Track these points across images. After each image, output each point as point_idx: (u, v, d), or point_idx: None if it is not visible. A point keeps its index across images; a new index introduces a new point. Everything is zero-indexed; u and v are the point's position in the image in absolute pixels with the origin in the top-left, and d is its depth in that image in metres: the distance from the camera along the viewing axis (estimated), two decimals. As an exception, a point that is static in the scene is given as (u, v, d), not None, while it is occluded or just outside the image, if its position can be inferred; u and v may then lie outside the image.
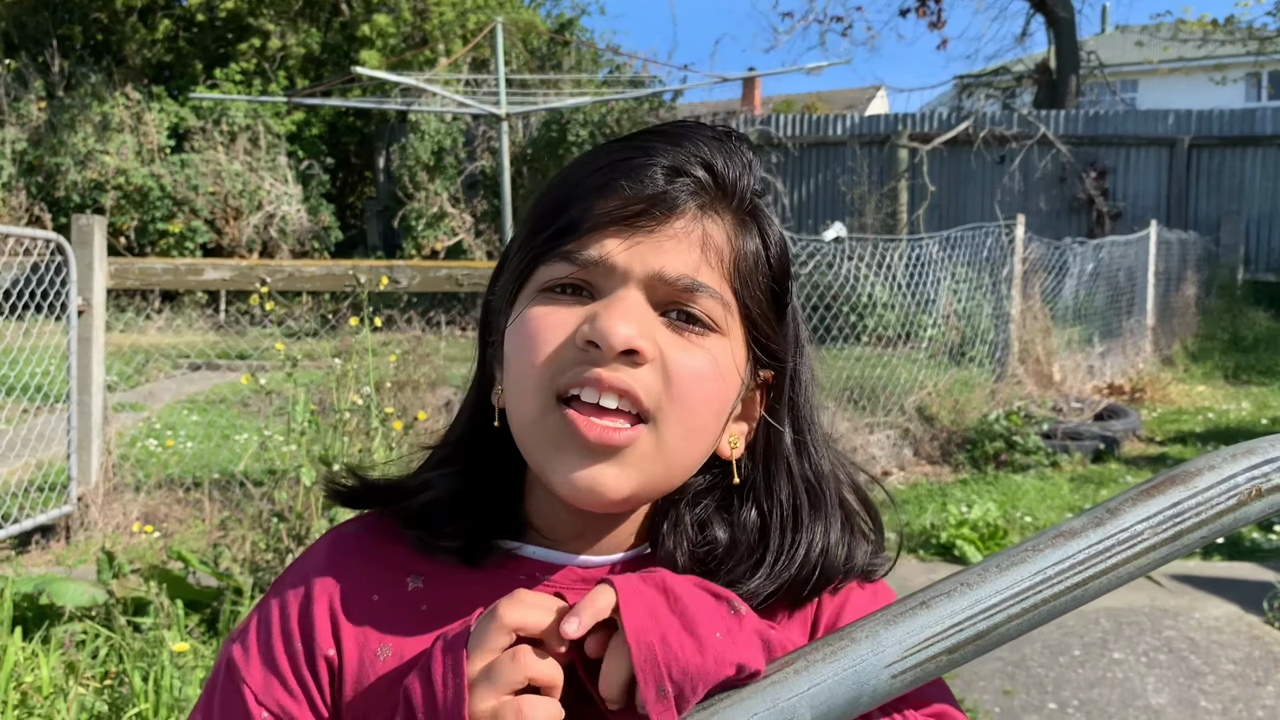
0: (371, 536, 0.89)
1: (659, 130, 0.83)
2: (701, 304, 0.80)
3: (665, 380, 0.78)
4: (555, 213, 0.81)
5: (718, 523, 0.86)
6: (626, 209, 0.78)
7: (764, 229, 0.84)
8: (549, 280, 0.80)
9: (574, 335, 0.78)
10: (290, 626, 0.84)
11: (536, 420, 0.79)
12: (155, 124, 15.65)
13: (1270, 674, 3.82)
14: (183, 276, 5.67)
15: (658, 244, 0.78)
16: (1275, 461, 0.91)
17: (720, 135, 0.83)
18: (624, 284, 0.78)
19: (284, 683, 0.83)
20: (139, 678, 2.99)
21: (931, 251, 8.62)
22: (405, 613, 0.84)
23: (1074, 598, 0.89)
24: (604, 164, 0.80)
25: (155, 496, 5.52)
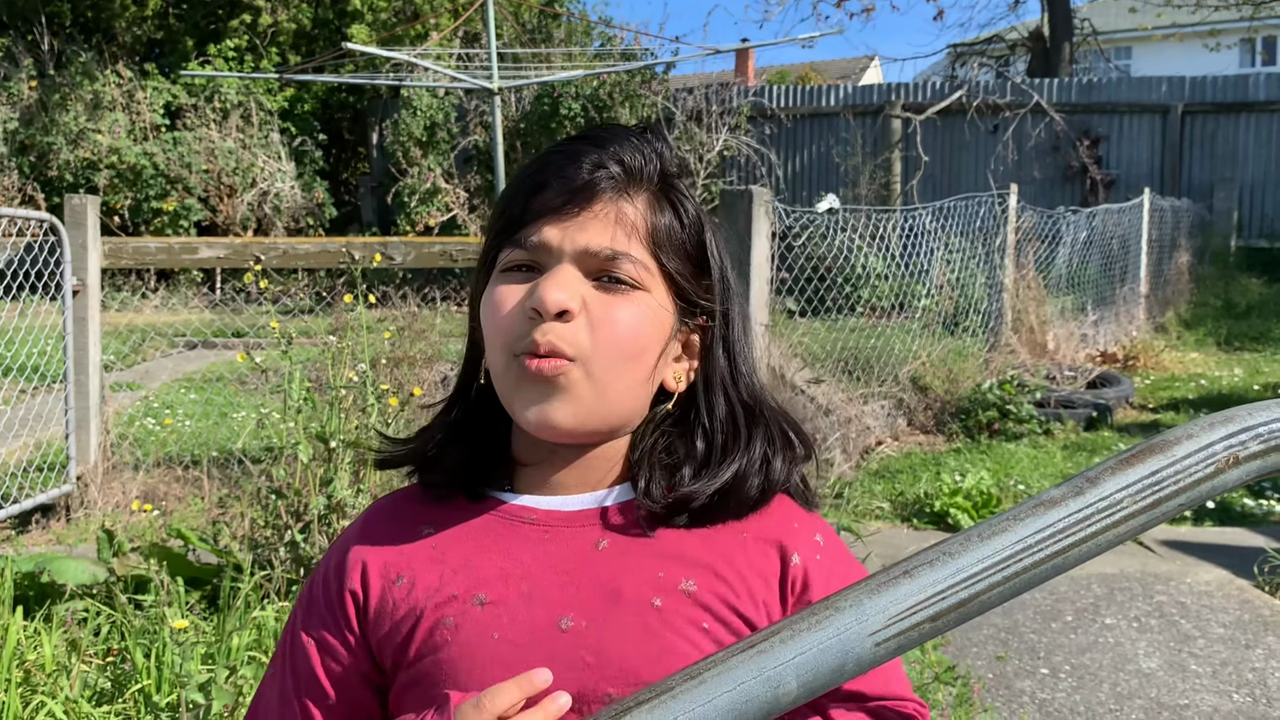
0: (399, 503, 1.11)
1: (586, 135, 1.03)
2: (622, 268, 0.99)
3: (590, 328, 0.98)
4: (506, 208, 1.02)
5: (674, 449, 1.04)
6: (556, 200, 0.99)
7: (677, 205, 1.03)
8: (506, 262, 1.01)
9: (521, 304, 0.98)
10: (329, 575, 1.07)
11: (502, 372, 1.00)
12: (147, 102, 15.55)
13: (1259, 637, 3.87)
14: (177, 255, 5.67)
15: (582, 225, 0.99)
16: (1252, 430, 0.93)
17: (636, 135, 1.03)
18: (559, 260, 0.98)
19: (321, 617, 1.05)
20: (141, 654, 3.02)
21: (925, 222, 8.62)
22: (419, 551, 1.04)
23: (1055, 565, 0.91)
24: (540, 167, 1.01)
25: (154, 475, 5.54)
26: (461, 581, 1.01)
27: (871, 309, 8.83)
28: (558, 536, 1.02)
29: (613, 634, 0.97)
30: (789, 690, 0.86)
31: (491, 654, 0.98)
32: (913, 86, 16.68)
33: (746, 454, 1.04)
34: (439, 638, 0.99)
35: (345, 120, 18.88)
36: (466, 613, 0.99)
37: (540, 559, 1.01)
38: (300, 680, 1.05)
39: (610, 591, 0.99)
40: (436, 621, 1.00)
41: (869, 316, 8.49)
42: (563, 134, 14.68)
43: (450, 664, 0.98)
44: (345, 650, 1.04)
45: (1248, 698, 3.38)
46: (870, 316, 8.50)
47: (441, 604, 1.00)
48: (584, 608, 0.99)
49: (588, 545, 1.01)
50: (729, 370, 1.07)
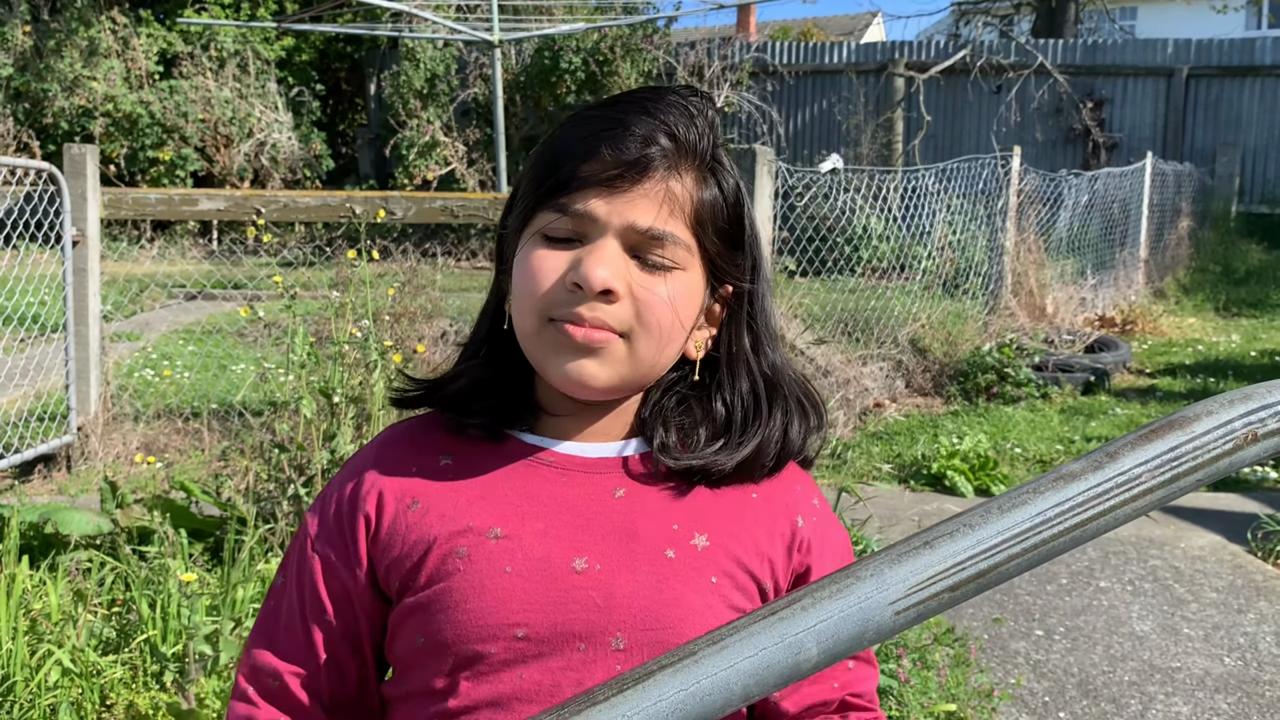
0: (416, 429, 1.12)
1: (635, 99, 1.01)
2: (666, 248, 0.99)
3: (635, 310, 0.98)
4: (551, 169, 1.00)
5: (691, 410, 1.07)
6: (607, 172, 0.97)
7: (720, 181, 1.03)
8: (545, 225, 0.99)
9: (564, 277, 0.97)
10: (343, 494, 1.08)
11: (534, 333, 1.00)
12: (143, 49, 15.39)
13: (1251, 602, 3.91)
14: (177, 207, 5.64)
15: (631, 201, 0.98)
16: (1271, 407, 0.94)
17: (685, 102, 1.01)
18: (603, 233, 0.98)
19: (329, 534, 1.07)
20: (146, 605, 3.05)
21: (927, 183, 8.59)
22: (436, 479, 1.06)
23: (1073, 538, 0.93)
24: (589, 132, 0.99)
25: (154, 426, 5.55)
26: (477, 513, 1.02)
27: (872, 270, 8.82)
28: (575, 480, 1.04)
29: (625, 579, 0.99)
30: (810, 656, 0.88)
31: (503, 587, 0.99)
32: (916, 45, 16.55)
33: (767, 426, 1.06)
34: (450, 566, 1.00)
35: (343, 71, 18.69)
36: (480, 545, 1.01)
37: (557, 500, 1.03)
38: (305, 596, 1.07)
39: (625, 538, 1.01)
40: (449, 550, 1.01)
41: (869, 277, 8.49)
42: (563, 88, 14.57)
43: (459, 592, 1.00)
44: (349, 572, 1.05)
45: (1239, 661, 3.43)
46: (870, 277, 8.50)
47: (456, 533, 1.02)
48: (598, 551, 1.01)
49: (605, 492, 1.03)
50: (753, 342, 1.08)
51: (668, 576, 1.00)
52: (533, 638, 0.99)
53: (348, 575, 1.05)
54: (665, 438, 1.05)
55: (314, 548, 1.07)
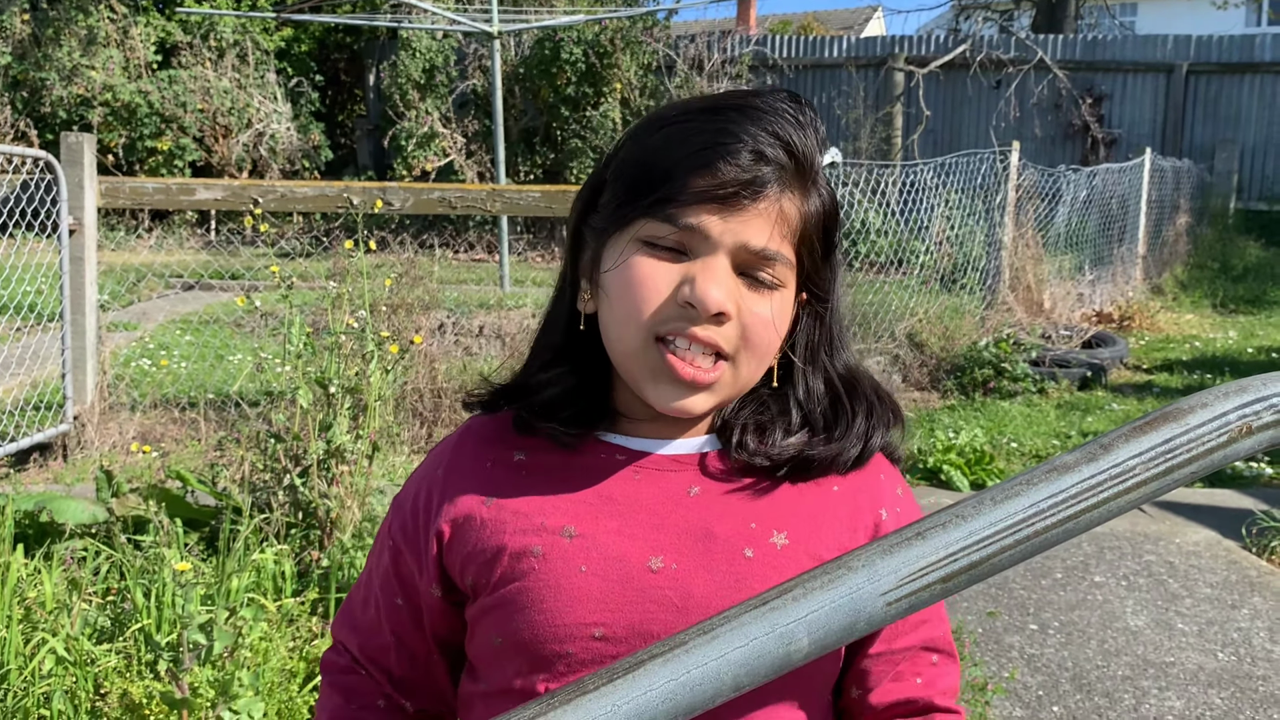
0: (490, 425, 1.11)
1: (744, 106, 0.97)
2: (774, 269, 0.98)
3: (742, 331, 0.97)
4: (658, 178, 0.96)
5: (768, 409, 1.05)
6: (723, 189, 0.94)
7: (822, 190, 1.01)
8: (651, 235, 0.97)
9: (675, 293, 0.96)
10: (420, 487, 1.09)
11: (637, 352, 0.98)
12: (142, 39, 15.34)
13: (1245, 597, 3.92)
14: (174, 196, 5.63)
15: (745, 220, 0.95)
16: (1266, 400, 0.93)
17: (794, 111, 0.98)
18: (715, 251, 0.95)
19: (405, 525, 1.09)
20: (140, 594, 3.05)
21: (925, 178, 8.59)
22: (510, 475, 1.05)
23: (1065, 530, 0.92)
24: (702, 143, 0.95)
25: (151, 416, 5.55)
26: (550, 511, 1.02)
27: (870, 264, 8.82)
28: (650, 478, 1.03)
29: (702, 579, 0.99)
30: (800, 647, 0.88)
31: (579, 587, 0.99)
32: (916, 39, 16.53)
33: (851, 423, 1.06)
34: (525, 565, 1.00)
35: (342, 61, 18.66)
36: (555, 543, 1.00)
37: (632, 498, 1.02)
38: (378, 579, 1.13)
39: (702, 537, 1.00)
40: (523, 548, 1.00)
41: (867, 272, 8.48)
42: (563, 80, 14.54)
43: (535, 592, 0.99)
44: (417, 564, 1.08)
45: (1232, 657, 3.44)
46: (868, 272, 8.49)
47: (529, 531, 1.01)
48: (675, 550, 1.00)
49: (680, 490, 1.02)
50: (828, 344, 1.07)
51: (746, 576, 0.99)
52: (610, 637, 0.98)
53: (415, 566, 1.08)
54: (743, 435, 1.04)
55: (390, 534, 1.11)
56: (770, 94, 0.99)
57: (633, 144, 1.01)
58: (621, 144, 1.03)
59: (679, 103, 1.02)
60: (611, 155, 1.04)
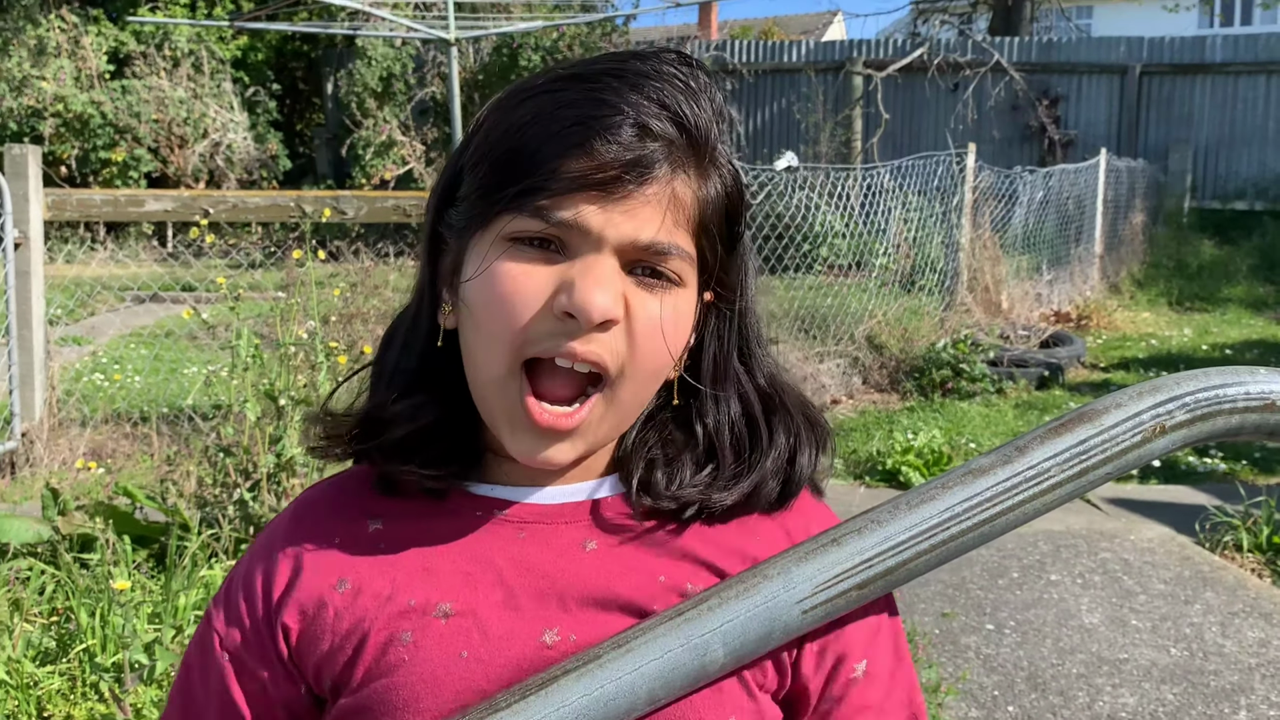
0: (336, 492, 0.94)
1: (620, 70, 0.80)
2: (670, 264, 0.81)
3: (629, 337, 0.81)
4: (522, 163, 0.79)
5: (673, 439, 0.90)
6: (601, 174, 0.78)
7: (722, 169, 0.85)
8: (517, 231, 0.80)
9: (550, 302, 0.79)
10: (253, 579, 0.90)
11: (500, 380, 0.81)
12: (94, 48, 15.16)
13: (1198, 593, 3.95)
14: (123, 208, 5.55)
15: (631, 210, 0.79)
16: (1179, 399, 0.93)
17: (684, 76, 0.82)
18: (597, 248, 0.79)
19: (244, 633, 0.89)
20: (85, 614, 2.99)
21: (883, 180, 8.63)
22: (365, 550, 0.88)
23: (982, 534, 0.92)
24: (573, 118, 0.78)
25: (102, 431, 5.46)
26: (420, 588, 0.85)
27: (830, 267, 8.85)
28: (536, 535, 0.87)
29: None
30: (716, 658, 0.86)
31: (461, 676, 0.83)
32: (875, 43, 16.64)
33: (770, 453, 0.90)
34: (393, 657, 0.84)
35: (300, 70, 18.53)
36: (428, 626, 0.84)
37: (516, 562, 0.86)
38: (213, 703, 0.90)
39: (603, 600, 0.85)
40: (390, 637, 0.84)
41: (827, 275, 8.51)
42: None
43: (409, 689, 0.83)
44: (271, 674, 0.88)
45: (1185, 652, 3.46)
46: (828, 275, 8.53)
47: (396, 616, 0.85)
48: (573, 620, 0.85)
49: (573, 545, 0.87)
50: (742, 354, 0.91)
51: None
52: None
53: (267, 678, 0.88)
54: (647, 474, 0.88)
55: (222, 645, 0.89)
56: (654, 55, 0.82)
57: (492, 121, 0.83)
58: (480, 120, 0.85)
59: (547, 70, 0.84)
60: (469, 136, 0.86)
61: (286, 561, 0.89)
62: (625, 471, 0.89)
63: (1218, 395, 0.93)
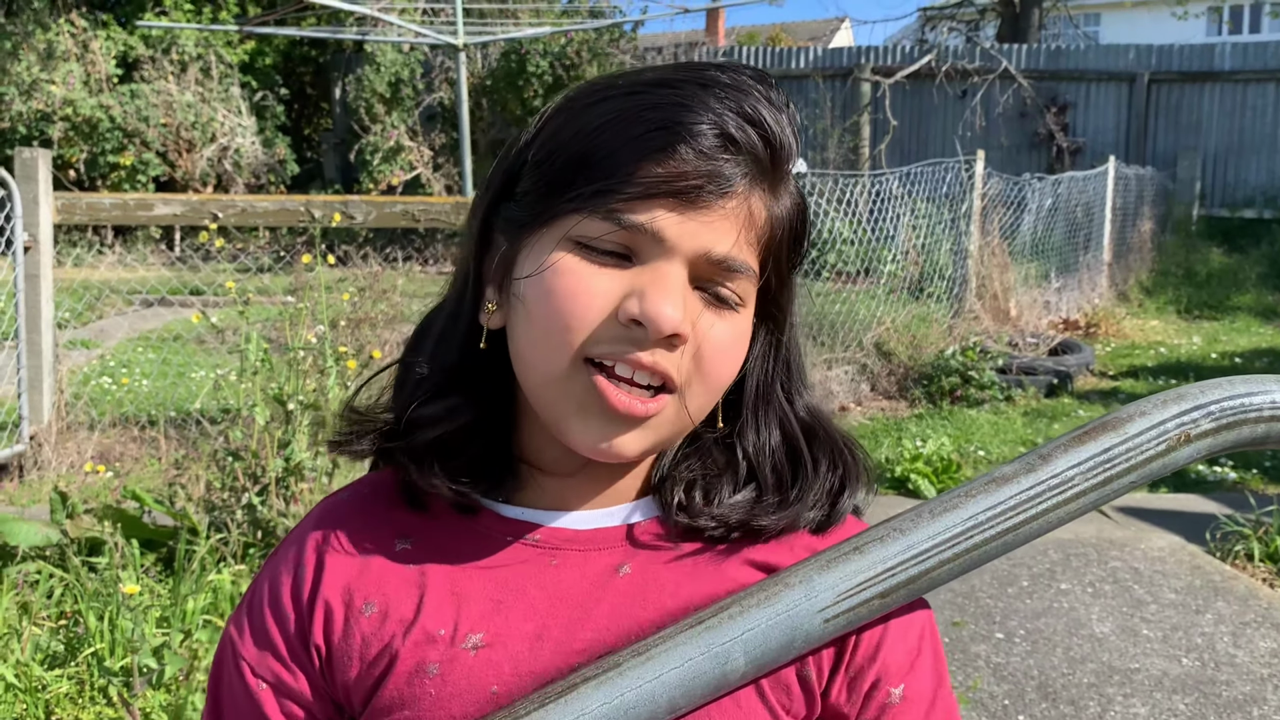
0: (362, 502, 0.90)
1: (704, 79, 0.78)
2: (736, 283, 0.79)
3: (696, 357, 0.78)
4: (598, 164, 0.76)
5: (713, 461, 0.87)
6: (683, 180, 0.74)
7: (792, 190, 0.83)
8: (587, 235, 0.76)
9: (617, 308, 0.76)
10: (282, 602, 0.86)
11: (560, 378, 0.78)
12: (102, 52, 15.21)
13: (1209, 602, 3.93)
14: (132, 212, 5.56)
15: (708, 221, 0.76)
16: (1204, 408, 0.92)
17: (764, 90, 0.79)
18: (669, 258, 0.76)
19: (278, 656, 0.85)
20: (94, 617, 2.99)
21: (892, 187, 8.63)
22: (393, 572, 0.85)
23: (1005, 543, 0.91)
24: (656, 122, 0.75)
25: (110, 435, 5.46)
26: (448, 616, 0.82)
27: (838, 274, 8.84)
28: (569, 562, 0.84)
29: None
30: (737, 666, 0.85)
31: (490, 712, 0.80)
32: (883, 50, 16.65)
33: (814, 483, 0.88)
34: (419, 689, 0.80)
35: (308, 75, 18.58)
36: (456, 658, 0.81)
37: (549, 590, 0.83)
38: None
39: (638, 628, 0.83)
40: (416, 667, 0.81)
41: (835, 281, 8.50)
42: (530, 93, 14.51)
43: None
44: (312, 696, 0.85)
45: (1196, 662, 3.44)
46: (836, 281, 8.52)
47: (422, 643, 0.81)
48: (607, 651, 0.83)
49: (606, 571, 0.84)
50: (786, 382, 0.89)
51: None
52: None
53: (312, 703, 0.85)
54: (686, 495, 0.85)
55: (255, 673, 0.85)
56: (734, 68, 0.79)
57: (563, 120, 0.80)
58: (548, 118, 0.82)
59: (622, 73, 0.81)
60: (536, 132, 0.82)
61: (313, 580, 0.85)
62: (663, 492, 0.87)
63: (1243, 404, 0.93)
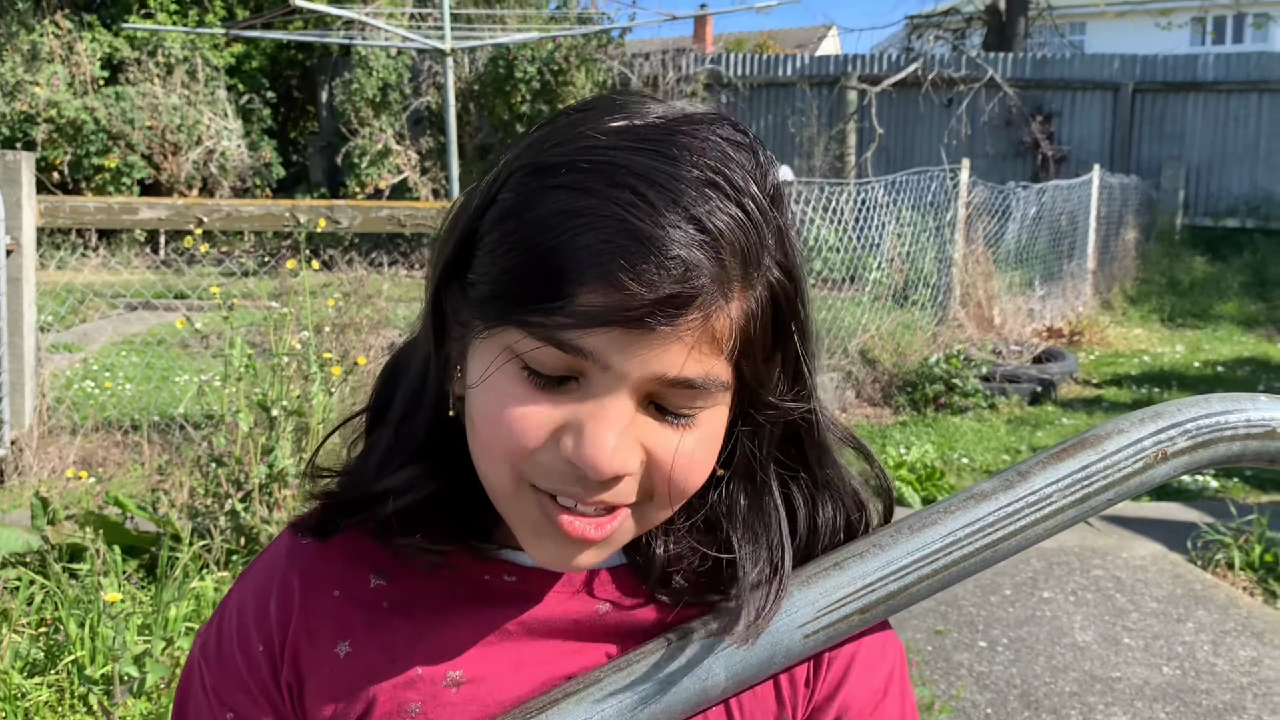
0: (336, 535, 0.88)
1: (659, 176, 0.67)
2: (698, 396, 0.72)
3: (651, 474, 0.73)
4: (543, 276, 0.67)
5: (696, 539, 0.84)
6: (629, 310, 0.66)
7: (768, 272, 0.72)
8: (529, 355, 0.69)
9: (556, 439, 0.70)
10: (251, 634, 0.83)
11: (510, 496, 0.74)
12: (88, 54, 15.14)
13: (1190, 611, 3.95)
14: (116, 215, 5.53)
15: (663, 345, 0.68)
16: (1181, 425, 0.93)
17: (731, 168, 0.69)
18: (614, 388, 0.69)
19: (246, 690, 0.83)
20: (75, 625, 2.97)
21: (877, 195, 8.66)
22: (366, 610, 0.82)
23: (983, 559, 0.91)
24: (601, 240, 0.66)
25: (93, 439, 5.44)
26: (426, 652, 0.80)
27: (823, 281, 8.87)
28: (549, 601, 0.82)
29: None
30: (717, 682, 0.86)
31: None
32: (869, 58, 16.70)
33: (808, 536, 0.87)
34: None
35: (294, 78, 18.53)
36: (438, 696, 0.79)
37: (526, 624, 0.82)
38: None
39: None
40: (397, 708, 0.79)
41: (820, 288, 8.52)
42: (517, 97, 14.50)
43: None
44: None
45: (1177, 670, 3.46)
46: (821, 288, 8.54)
47: (401, 685, 0.79)
48: None
49: (586, 610, 0.83)
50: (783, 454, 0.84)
51: None
52: None
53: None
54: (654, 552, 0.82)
55: (221, 701, 0.82)
56: (705, 145, 0.69)
57: (518, 197, 0.70)
58: (503, 183, 0.72)
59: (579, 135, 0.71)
60: (491, 199, 0.73)
61: (285, 613, 0.82)
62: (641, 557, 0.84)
63: (1219, 422, 0.93)
